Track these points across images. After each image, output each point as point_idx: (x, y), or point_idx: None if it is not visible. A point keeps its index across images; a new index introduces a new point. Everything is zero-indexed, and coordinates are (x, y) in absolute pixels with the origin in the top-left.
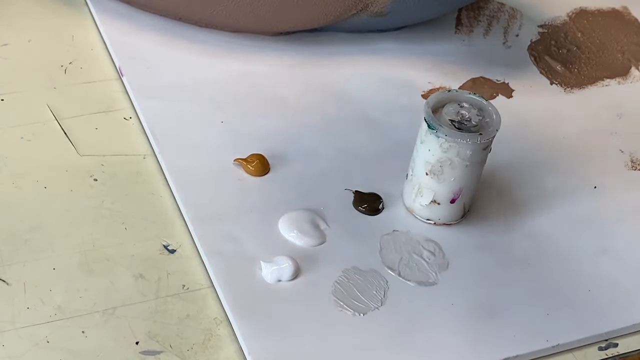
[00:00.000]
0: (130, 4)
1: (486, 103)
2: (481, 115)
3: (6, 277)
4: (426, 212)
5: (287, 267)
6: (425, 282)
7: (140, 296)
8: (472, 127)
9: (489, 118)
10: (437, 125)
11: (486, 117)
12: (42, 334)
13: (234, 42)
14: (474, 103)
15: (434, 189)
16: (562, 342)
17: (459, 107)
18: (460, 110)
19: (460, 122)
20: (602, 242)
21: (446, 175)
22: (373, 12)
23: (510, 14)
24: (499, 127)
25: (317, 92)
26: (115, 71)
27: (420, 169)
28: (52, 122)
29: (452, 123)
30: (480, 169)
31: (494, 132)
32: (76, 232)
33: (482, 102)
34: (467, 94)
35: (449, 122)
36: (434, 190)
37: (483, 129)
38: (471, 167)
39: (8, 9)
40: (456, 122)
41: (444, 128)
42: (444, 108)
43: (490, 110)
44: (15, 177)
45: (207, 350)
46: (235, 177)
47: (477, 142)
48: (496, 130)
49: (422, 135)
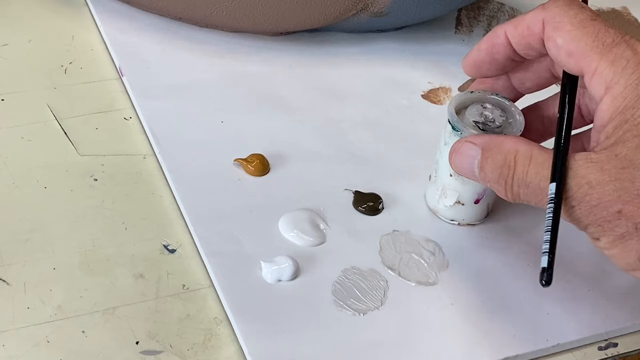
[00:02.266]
0: (130, 4)
1: (509, 104)
2: (504, 116)
3: (6, 277)
4: (450, 213)
5: (287, 267)
6: (425, 282)
7: (140, 296)
8: (495, 127)
9: (512, 119)
10: (462, 126)
11: (509, 117)
12: (42, 334)
13: (234, 42)
14: (496, 104)
15: (458, 190)
16: (562, 342)
17: (482, 108)
18: (483, 112)
19: (484, 124)
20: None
21: None
22: (373, 12)
23: (510, 14)
24: (522, 127)
25: (317, 92)
26: (115, 71)
27: (444, 170)
28: (52, 122)
29: (475, 124)
30: None
31: (518, 132)
32: (76, 232)
33: (504, 103)
34: (490, 94)
35: (472, 123)
36: (458, 191)
37: (506, 129)
38: None
39: (8, 9)
40: (480, 124)
41: (469, 129)
42: (467, 109)
43: (513, 111)
44: (15, 177)
45: (207, 350)
46: (235, 177)
47: None
48: (520, 130)
49: (445, 137)
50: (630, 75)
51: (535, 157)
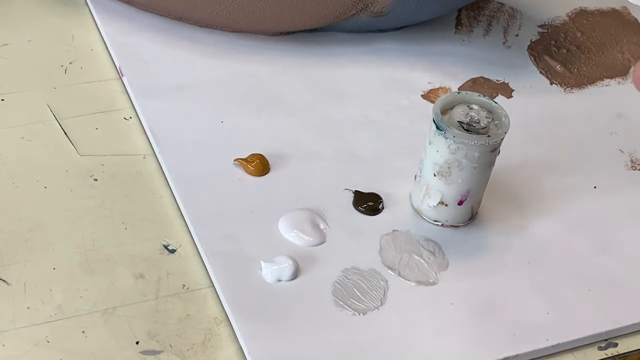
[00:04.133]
0: (130, 4)
1: (495, 105)
2: (490, 118)
3: (6, 277)
4: (434, 213)
5: (287, 267)
6: (425, 282)
7: (140, 296)
8: (480, 129)
9: (498, 120)
10: (446, 126)
11: (495, 119)
12: (42, 334)
13: (234, 42)
14: (483, 105)
15: (442, 191)
16: (562, 342)
17: (468, 109)
18: (469, 112)
19: (468, 124)
20: (602, 242)
21: (454, 177)
22: (373, 12)
23: (510, 14)
24: (507, 129)
25: (317, 92)
26: (115, 71)
27: (428, 170)
28: (52, 122)
29: (460, 125)
30: (489, 171)
31: (503, 134)
32: (76, 232)
33: (491, 104)
34: (477, 96)
35: (457, 124)
36: (441, 192)
37: (492, 131)
38: (479, 169)
39: (8, 9)
40: (465, 124)
41: (452, 129)
42: (453, 110)
43: (499, 113)
44: (15, 177)
45: (207, 350)
46: (235, 177)
47: (485, 144)
48: (505, 132)
49: (430, 137)
50: None
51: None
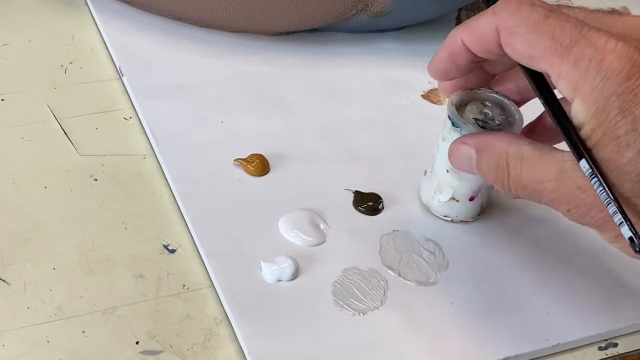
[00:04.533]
0: (130, 4)
1: (508, 102)
2: (504, 115)
3: (6, 277)
4: (444, 209)
5: (287, 266)
6: (425, 282)
7: (140, 296)
8: (495, 125)
9: (512, 117)
10: (462, 123)
11: (509, 116)
12: (42, 334)
13: (234, 42)
14: (496, 102)
15: (454, 186)
16: (562, 342)
17: (482, 106)
18: (483, 109)
19: (484, 121)
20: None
21: (467, 173)
22: (373, 12)
23: None
24: (521, 126)
25: (317, 92)
26: (115, 71)
27: (440, 166)
28: (52, 122)
29: (476, 121)
30: None
31: (517, 131)
32: (76, 232)
33: (504, 102)
34: (490, 92)
35: (472, 120)
36: (453, 188)
37: (506, 128)
38: None
39: (8, 9)
40: (480, 121)
41: (469, 126)
42: (467, 106)
43: (512, 110)
44: (15, 177)
45: (207, 350)
46: (235, 177)
47: None
48: (519, 129)
49: (444, 133)
50: (595, 76)
51: (526, 159)
